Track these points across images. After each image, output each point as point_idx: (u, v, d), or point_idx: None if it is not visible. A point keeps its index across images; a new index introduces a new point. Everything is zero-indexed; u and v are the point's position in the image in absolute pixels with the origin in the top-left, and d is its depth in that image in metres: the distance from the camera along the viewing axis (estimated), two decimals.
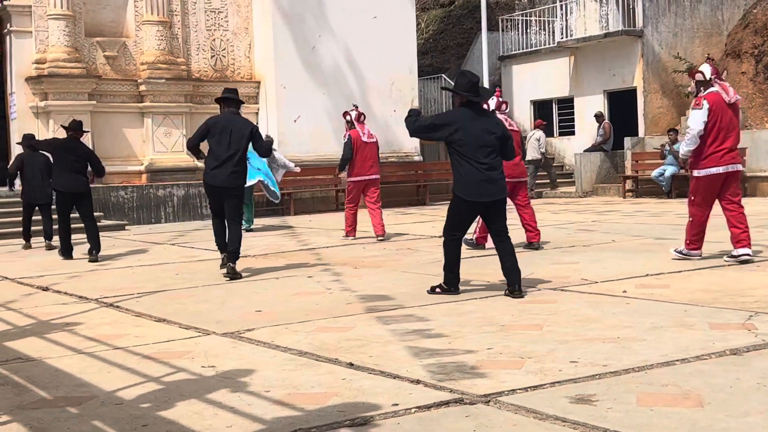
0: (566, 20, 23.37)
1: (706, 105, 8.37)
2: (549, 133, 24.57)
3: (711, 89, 8.51)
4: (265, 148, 9.41)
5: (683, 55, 21.97)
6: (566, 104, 24.15)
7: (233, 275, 8.84)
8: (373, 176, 12.54)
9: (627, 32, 21.73)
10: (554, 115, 24.53)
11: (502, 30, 25.73)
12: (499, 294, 7.11)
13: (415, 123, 7.35)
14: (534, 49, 24.85)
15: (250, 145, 9.26)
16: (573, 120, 23.93)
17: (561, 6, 23.56)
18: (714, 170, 8.40)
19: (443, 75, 25.72)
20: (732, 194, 8.55)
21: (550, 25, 24.60)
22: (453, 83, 7.54)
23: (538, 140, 22.27)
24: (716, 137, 8.37)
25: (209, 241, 13.37)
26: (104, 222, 16.60)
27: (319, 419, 3.94)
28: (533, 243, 10.28)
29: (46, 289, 8.70)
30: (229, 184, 9.02)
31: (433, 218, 16.24)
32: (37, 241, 13.39)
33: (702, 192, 8.53)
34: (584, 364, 4.68)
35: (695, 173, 8.54)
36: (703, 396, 4.01)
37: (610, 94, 22.93)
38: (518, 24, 25.64)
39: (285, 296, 7.59)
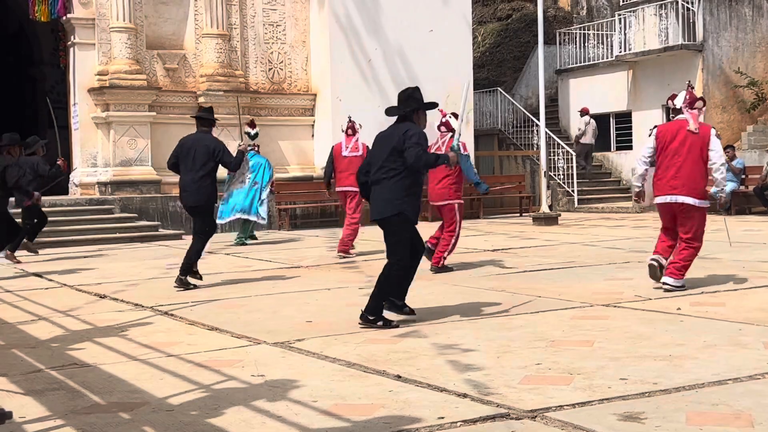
0: (624, 34, 23.14)
1: (653, 133, 8.38)
2: (606, 147, 24.37)
3: (678, 117, 8.34)
4: (233, 163, 9.72)
5: (744, 70, 21.62)
6: (624, 118, 23.90)
7: (180, 284, 9.18)
8: (348, 188, 12.32)
9: (687, 46, 21.46)
10: (611, 129, 24.29)
11: (560, 43, 25.59)
12: (550, 309, 7.07)
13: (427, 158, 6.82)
14: (591, 62, 24.66)
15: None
16: (630, 134, 23.67)
17: (619, 20, 23.35)
18: (658, 199, 8.29)
19: (499, 88, 25.66)
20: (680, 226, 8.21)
21: (608, 39, 24.39)
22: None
23: (595, 127, 22.71)
24: (659, 166, 8.26)
25: (263, 251, 13.55)
26: (162, 231, 16.89)
27: (364, 430, 3.96)
28: (438, 267, 10.02)
29: (103, 296, 8.87)
30: (194, 203, 9.34)
31: (487, 233, 16.20)
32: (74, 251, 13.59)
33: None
34: (634, 382, 4.64)
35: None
36: (754, 416, 3.94)
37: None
38: (576, 37, 25.47)
39: (336, 307, 7.63)
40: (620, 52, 23.14)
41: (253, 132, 15.57)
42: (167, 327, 6.96)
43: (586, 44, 25.20)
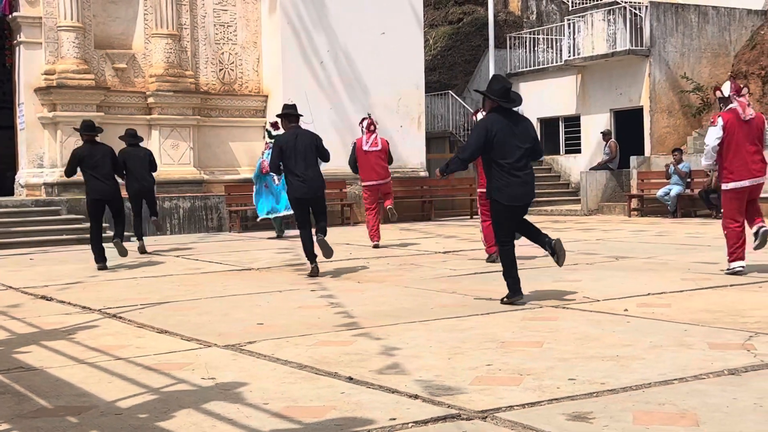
0: (574, 39, 23.44)
1: (720, 122, 8.84)
2: (555, 150, 24.61)
3: (730, 106, 8.91)
4: (327, 155, 10.23)
5: (690, 75, 22.02)
6: (573, 122, 24.20)
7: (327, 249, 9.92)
8: (376, 181, 13.46)
9: (634, 51, 21.79)
10: (561, 132, 24.57)
11: (510, 47, 25.82)
12: (501, 311, 7.13)
13: (460, 160, 7.61)
14: (541, 66, 24.92)
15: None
16: (579, 138, 23.98)
17: (569, 24, 23.64)
18: (741, 183, 8.86)
19: (450, 91, 25.81)
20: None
21: (558, 43, 24.68)
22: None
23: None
24: (733, 152, 8.82)
25: (213, 253, 13.46)
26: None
27: None
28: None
29: (49, 298, 8.74)
30: (319, 190, 9.90)
31: (438, 235, 16.26)
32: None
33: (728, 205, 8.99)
34: (582, 382, 4.70)
35: (723, 187, 9.02)
36: (699, 415, 4.02)
37: (617, 113, 22.97)
38: (526, 42, 25.72)
39: (287, 309, 7.61)
40: (569, 56, 23.42)
41: (274, 132, 16.20)
42: (115, 330, 6.88)
43: (536, 48, 25.46)
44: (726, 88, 9.00)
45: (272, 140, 16.02)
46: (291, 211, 15.66)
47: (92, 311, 7.83)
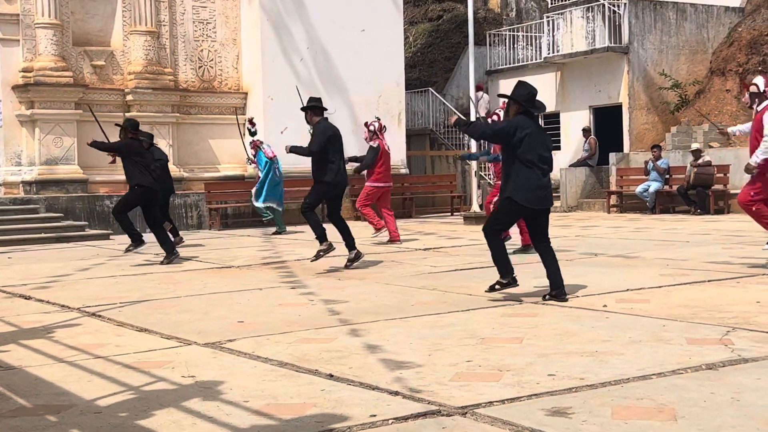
0: (553, 36, 23.52)
1: None
2: None
3: (767, 101, 8.75)
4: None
5: (668, 72, 22.15)
6: (552, 119, 24.28)
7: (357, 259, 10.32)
8: (388, 183, 13.73)
9: (613, 48, 21.90)
10: None
11: (490, 45, 25.88)
12: (481, 307, 7.16)
13: (482, 132, 8.01)
14: (521, 64, 24.99)
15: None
16: (559, 135, 24.06)
17: (548, 22, 23.72)
18: None
19: (430, 88, 25.82)
20: None
21: (537, 41, 24.75)
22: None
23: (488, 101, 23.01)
24: None
25: (193, 251, 13.40)
26: (89, 231, 16.59)
27: (296, 430, 3.96)
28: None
29: (28, 297, 8.68)
30: (345, 186, 10.40)
31: (419, 232, 16.28)
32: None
33: None
34: (562, 377, 4.73)
35: None
36: (677, 410, 4.05)
37: (596, 110, 23.07)
38: (506, 39, 25.79)
39: (268, 307, 7.61)
40: (548, 53, 23.50)
41: (253, 129, 16.81)
42: (95, 328, 6.85)
43: (516, 46, 25.53)
44: (761, 82, 8.78)
45: (257, 137, 16.44)
46: (270, 203, 16.24)
47: (71, 310, 7.79)
